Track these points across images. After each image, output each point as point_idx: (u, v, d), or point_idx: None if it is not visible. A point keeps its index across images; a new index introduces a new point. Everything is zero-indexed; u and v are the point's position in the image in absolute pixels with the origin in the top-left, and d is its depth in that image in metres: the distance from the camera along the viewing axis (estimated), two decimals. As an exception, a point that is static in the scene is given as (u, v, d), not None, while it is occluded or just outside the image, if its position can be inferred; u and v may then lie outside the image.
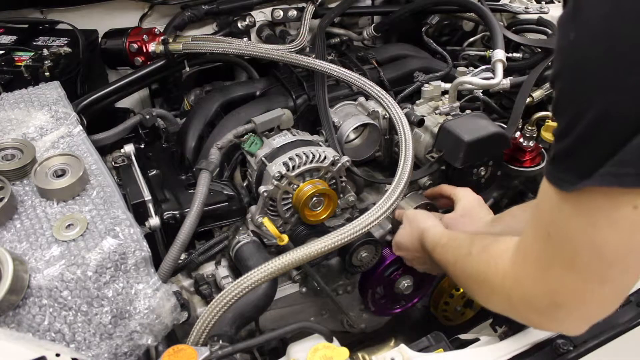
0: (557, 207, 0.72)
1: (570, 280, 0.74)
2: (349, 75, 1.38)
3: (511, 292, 0.83)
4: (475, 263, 0.94)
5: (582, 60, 0.63)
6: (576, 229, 0.70)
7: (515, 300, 0.83)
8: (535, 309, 0.81)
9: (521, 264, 0.81)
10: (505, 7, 1.87)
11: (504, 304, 0.88)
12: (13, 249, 0.91)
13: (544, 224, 0.76)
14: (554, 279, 0.75)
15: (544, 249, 0.76)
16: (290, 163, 1.26)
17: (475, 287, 0.96)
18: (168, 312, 0.95)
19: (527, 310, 0.83)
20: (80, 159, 1.06)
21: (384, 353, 0.97)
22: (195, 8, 1.71)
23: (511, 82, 1.49)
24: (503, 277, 0.84)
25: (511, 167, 1.49)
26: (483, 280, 0.91)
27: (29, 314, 0.86)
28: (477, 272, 0.92)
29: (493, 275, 0.87)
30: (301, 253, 1.03)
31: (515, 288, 0.82)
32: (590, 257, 0.70)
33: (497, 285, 0.86)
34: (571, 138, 0.65)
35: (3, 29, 1.61)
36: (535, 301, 0.79)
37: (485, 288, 0.91)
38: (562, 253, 0.73)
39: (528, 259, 0.80)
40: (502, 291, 0.85)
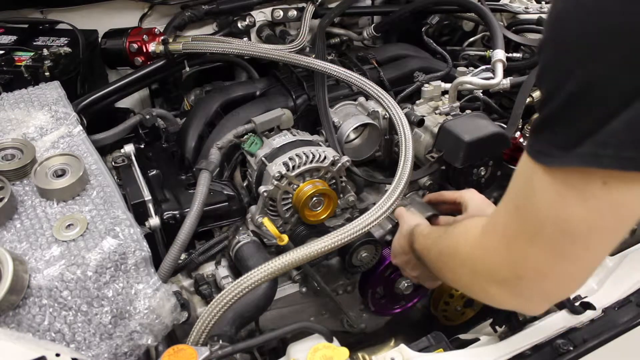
0: (529, 180, 0.72)
1: (533, 253, 0.74)
2: (349, 75, 1.38)
3: (477, 263, 0.85)
4: (448, 238, 0.95)
5: (566, 30, 0.63)
6: (544, 202, 0.71)
7: (480, 271, 0.84)
8: (496, 280, 0.81)
9: (489, 234, 0.83)
10: (505, 7, 1.87)
11: (469, 277, 0.88)
12: (13, 249, 0.91)
13: (515, 196, 0.77)
14: (517, 251, 0.76)
15: (511, 221, 0.77)
16: (290, 163, 1.26)
17: (446, 261, 0.96)
18: (168, 312, 0.95)
19: (488, 282, 0.83)
20: (80, 159, 1.06)
21: (384, 353, 0.97)
22: (195, 8, 1.71)
23: (511, 82, 1.49)
24: (472, 247, 0.86)
25: (511, 167, 1.49)
26: (453, 253, 0.92)
27: (29, 314, 0.86)
28: (449, 246, 0.94)
29: (462, 246, 0.89)
30: (301, 253, 1.03)
31: (481, 258, 0.83)
32: (554, 231, 0.71)
33: (465, 255, 0.88)
34: (550, 108, 0.66)
35: (3, 29, 1.61)
36: (498, 272, 0.80)
37: (455, 260, 0.92)
38: (527, 225, 0.74)
39: (495, 229, 0.81)
40: (469, 262, 0.87)
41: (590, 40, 0.61)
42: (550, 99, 0.65)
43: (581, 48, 0.62)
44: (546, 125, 0.67)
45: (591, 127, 0.62)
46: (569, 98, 0.63)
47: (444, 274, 1.00)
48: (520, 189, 0.76)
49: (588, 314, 1.09)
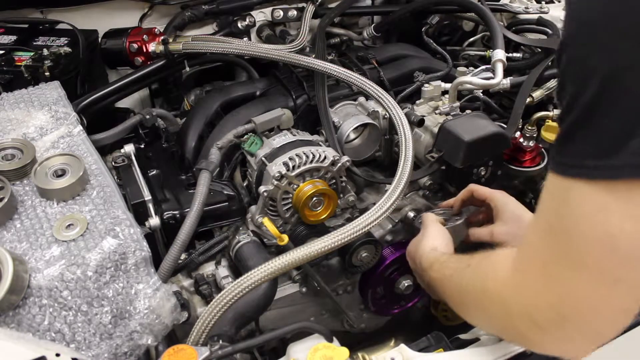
0: (564, 199, 0.63)
1: (579, 283, 0.64)
2: (349, 75, 1.38)
3: (510, 304, 0.74)
4: (473, 273, 0.85)
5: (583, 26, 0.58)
6: (586, 218, 0.61)
7: (515, 314, 0.73)
8: (537, 324, 0.70)
9: (523, 270, 0.72)
10: (505, 7, 1.87)
11: (502, 319, 0.78)
12: (13, 249, 0.91)
13: (548, 221, 0.68)
14: (560, 285, 0.66)
15: (547, 249, 0.67)
16: (290, 163, 1.26)
17: (471, 300, 0.86)
18: (168, 312, 0.95)
19: (527, 326, 0.72)
20: (80, 159, 1.06)
21: (384, 353, 0.97)
22: (195, 8, 1.71)
23: (511, 82, 1.49)
24: (502, 285, 0.75)
25: (511, 167, 1.49)
26: (480, 291, 0.81)
27: (29, 314, 0.86)
28: (474, 282, 0.83)
29: (491, 284, 0.78)
30: (301, 253, 1.03)
31: (516, 298, 0.73)
32: (603, 252, 0.61)
33: (495, 295, 0.77)
34: (575, 114, 0.59)
35: (3, 29, 1.61)
36: (538, 314, 0.70)
37: (482, 301, 0.81)
38: (569, 251, 0.64)
39: (530, 263, 0.71)
40: (500, 303, 0.76)
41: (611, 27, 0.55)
42: (574, 103, 0.59)
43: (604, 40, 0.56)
44: (573, 135, 0.60)
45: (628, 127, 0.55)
46: (596, 95, 0.56)
47: (470, 313, 0.89)
48: (553, 211, 0.66)
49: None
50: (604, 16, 0.56)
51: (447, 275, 0.96)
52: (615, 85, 0.55)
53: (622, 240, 0.60)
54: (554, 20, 1.80)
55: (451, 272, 0.94)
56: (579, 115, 0.59)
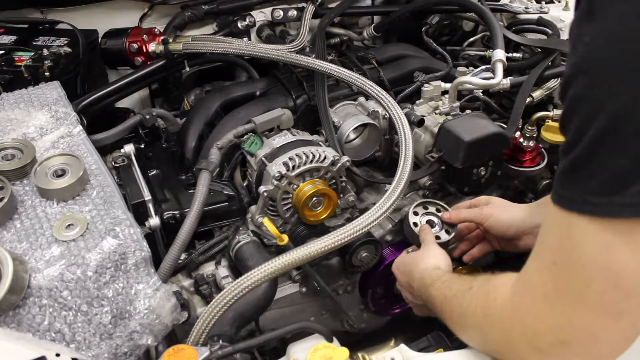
0: (567, 233, 0.64)
1: (581, 315, 0.66)
2: (349, 75, 1.38)
3: (510, 328, 0.75)
4: (474, 296, 0.85)
5: (597, 62, 0.59)
6: (589, 255, 0.63)
7: (515, 337, 0.75)
8: (536, 348, 0.72)
9: (522, 295, 0.74)
10: (505, 7, 1.87)
11: (502, 343, 0.79)
12: (13, 249, 0.91)
13: (551, 252, 0.69)
14: (561, 314, 0.67)
15: (549, 280, 0.69)
16: (290, 163, 1.26)
17: (471, 323, 0.86)
18: (168, 312, 0.95)
19: (527, 349, 0.73)
20: (80, 159, 1.06)
21: (384, 353, 0.97)
22: (195, 8, 1.71)
23: (511, 82, 1.49)
24: (502, 309, 0.77)
25: (511, 167, 1.49)
26: (480, 315, 0.82)
27: (29, 314, 0.86)
28: (475, 305, 0.84)
29: (491, 308, 0.79)
30: (301, 253, 1.03)
31: (515, 323, 0.74)
32: (605, 287, 0.63)
33: (495, 319, 0.78)
34: (580, 149, 0.60)
35: (3, 29, 1.61)
36: (538, 338, 0.71)
37: (482, 324, 0.82)
38: (572, 284, 0.66)
39: (530, 290, 0.72)
40: (500, 326, 0.78)
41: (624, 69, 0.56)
42: (580, 137, 0.59)
43: (614, 78, 0.57)
44: (577, 169, 0.61)
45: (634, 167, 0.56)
46: (603, 134, 0.57)
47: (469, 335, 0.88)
48: (556, 244, 0.68)
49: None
50: (618, 55, 0.56)
51: (449, 296, 0.95)
52: (623, 123, 0.56)
53: (625, 276, 0.61)
54: (554, 20, 1.80)
55: (454, 293, 0.94)
56: (585, 150, 0.59)
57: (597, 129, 0.57)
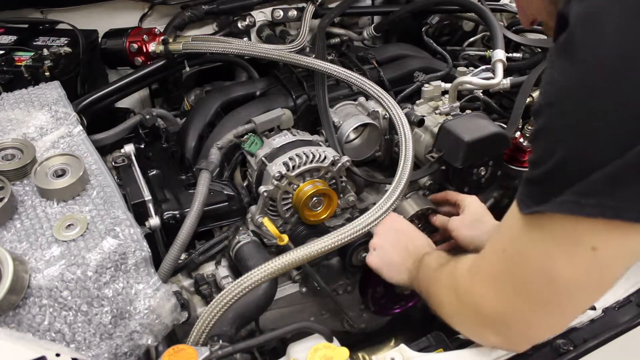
0: (518, 229, 0.74)
1: (519, 302, 0.77)
2: (349, 75, 1.38)
3: (462, 298, 0.86)
4: (445, 271, 0.95)
5: (558, 101, 0.66)
6: (532, 255, 0.73)
7: (464, 308, 0.86)
8: (482, 321, 0.83)
9: (475, 273, 0.84)
10: (505, 7, 1.87)
11: (454, 311, 0.90)
12: (13, 249, 0.91)
13: (503, 241, 0.79)
14: (504, 298, 0.78)
15: (498, 266, 0.79)
16: (290, 163, 1.26)
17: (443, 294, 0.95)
18: (168, 312, 0.95)
19: (475, 321, 0.85)
20: (80, 159, 1.06)
21: (384, 353, 0.97)
22: (195, 8, 1.71)
23: (511, 82, 1.50)
24: (459, 280, 0.88)
25: (511, 167, 1.49)
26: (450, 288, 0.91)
27: (29, 314, 0.86)
28: (446, 279, 0.93)
29: (451, 279, 0.90)
30: (301, 253, 1.03)
31: (467, 295, 0.85)
32: (542, 286, 0.73)
33: (451, 294, 0.89)
34: (540, 170, 0.68)
35: (3, 29, 1.61)
36: (484, 313, 0.82)
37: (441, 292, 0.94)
38: (515, 275, 0.76)
39: (482, 270, 0.83)
40: (455, 296, 0.88)
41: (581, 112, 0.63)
42: (542, 162, 0.68)
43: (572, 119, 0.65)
44: (536, 182, 0.70)
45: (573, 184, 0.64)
46: (558, 164, 0.66)
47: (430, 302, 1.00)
48: (509, 234, 0.78)
49: (588, 314, 1.09)
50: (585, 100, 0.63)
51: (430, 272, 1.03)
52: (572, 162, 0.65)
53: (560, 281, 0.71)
54: (553, 20, 1.79)
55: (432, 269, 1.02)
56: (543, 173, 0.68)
57: (554, 162, 0.66)
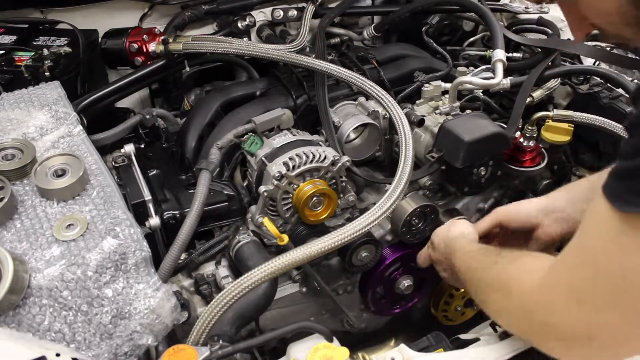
0: (612, 234, 0.64)
1: (610, 318, 0.67)
2: (349, 75, 1.38)
3: (531, 313, 0.77)
4: (498, 274, 0.87)
5: None
6: (633, 260, 0.63)
7: (535, 323, 0.77)
8: (559, 337, 0.74)
9: (550, 288, 0.75)
10: (505, 7, 1.87)
11: (523, 324, 0.82)
12: (13, 249, 0.91)
13: (590, 250, 0.69)
14: (593, 314, 0.68)
15: (583, 279, 0.69)
16: (290, 163, 1.26)
17: (494, 299, 0.89)
18: (168, 312, 0.95)
19: (547, 337, 0.76)
20: (80, 158, 1.06)
21: (384, 353, 0.97)
22: (195, 8, 1.71)
23: (511, 82, 1.49)
24: (528, 295, 0.78)
25: (511, 167, 1.49)
26: (504, 293, 0.84)
27: (29, 313, 0.86)
28: (499, 283, 0.86)
29: (516, 290, 0.81)
30: (301, 253, 1.03)
31: (538, 311, 0.76)
32: None
33: (519, 301, 0.80)
34: None
35: (3, 29, 1.61)
36: (565, 330, 0.73)
37: (505, 302, 0.85)
38: (607, 288, 0.66)
39: (559, 285, 0.73)
40: (523, 309, 0.79)
41: None
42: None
43: None
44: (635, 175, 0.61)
45: None
46: None
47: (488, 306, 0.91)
48: (599, 245, 0.68)
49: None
50: None
51: (472, 267, 0.98)
52: None
53: None
54: (554, 20, 1.80)
55: (476, 266, 0.97)
56: None
57: None
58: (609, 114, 1.49)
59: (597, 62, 1.67)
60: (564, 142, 1.50)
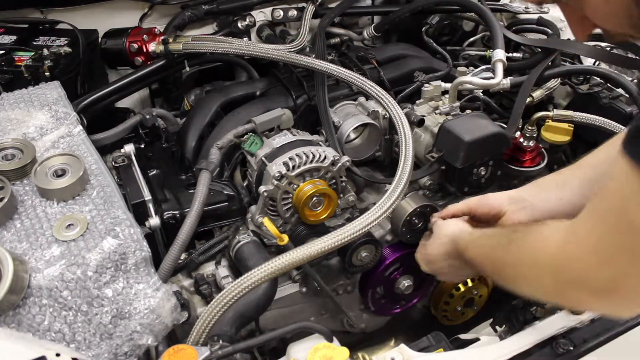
0: (633, 187, 0.67)
1: (635, 270, 0.71)
2: (349, 75, 1.38)
3: (560, 274, 0.81)
4: (519, 248, 0.91)
5: None
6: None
7: (567, 280, 0.81)
8: (588, 290, 0.78)
9: (574, 246, 0.79)
10: (505, 7, 1.88)
11: (551, 287, 0.86)
12: (13, 249, 0.91)
13: (613, 207, 0.72)
14: (618, 267, 0.72)
15: (605, 234, 0.73)
16: (290, 163, 1.26)
17: (519, 273, 0.93)
18: (168, 312, 0.95)
19: (577, 291, 0.80)
20: (80, 158, 1.06)
21: (384, 353, 0.97)
22: (195, 8, 1.71)
23: (511, 82, 1.50)
24: (551, 258, 0.82)
25: (511, 167, 1.49)
26: (528, 264, 0.89)
27: (29, 313, 0.86)
28: (522, 257, 0.90)
29: (539, 258, 0.85)
30: (301, 253, 1.03)
31: (565, 270, 0.80)
32: None
33: (543, 267, 0.84)
34: None
35: (3, 29, 1.61)
36: (593, 282, 0.77)
37: (530, 273, 0.89)
38: (632, 243, 0.69)
39: (583, 242, 0.77)
40: (550, 274, 0.83)
41: None
42: None
43: None
44: None
45: None
46: None
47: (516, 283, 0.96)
48: (619, 201, 0.71)
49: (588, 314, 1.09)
50: None
51: (489, 253, 1.01)
52: None
53: None
54: (554, 20, 1.80)
55: (492, 250, 0.99)
56: None
57: None
58: (609, 114, 1.49)
59: (597, 62, 1.67)
60: (564, 142, 1.50)
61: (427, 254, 1.26)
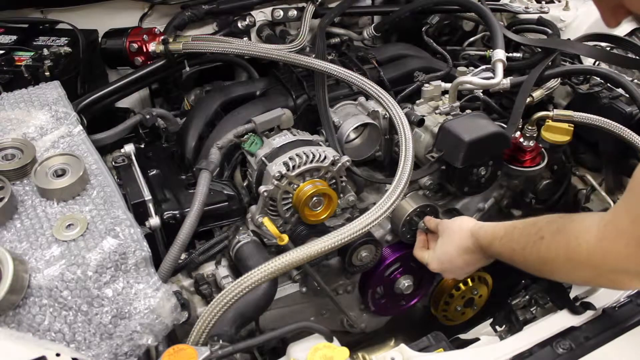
0: None
1: None
2: (349, 75, 1.38)
3: (600, 267, 0.87)
4: (550, 245, 0.95)
5: None
6: None
7: (604, 272, 0.87)
8: (628, 274, 0.85)
9: (612, 241, 0.83)
10: (505, 7, 1.87)
11: (591, 277, 0.92)
12: (13, 249, 0.91)
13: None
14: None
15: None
16: (290, 163, 1.26)
17: (554, 267, 0.97)
18: (168, 312, 0.95)
19: (618, 276, 0.86)
20: (80, 158, 1.06)
21: (384, 353, 0.97)
22: (195, 8, 1.71)
23: (511, 82, 1.49)
24: (589, 254, 0.87)
25: (511, 167, 1.49)
26: (564, 260, 0.92)
27: (29, 313, 0.86)
28: (555, 252, 0.94)
29: (576, 254, 0.89)
30: (301, 253, 1.03)
31: (605, 264, 0.85)
32: None
33: (581, 262, 0.89)
34: None
35: (3, 29, 1.61)
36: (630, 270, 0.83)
37: (566, 267, 0.93)
38: None
39: (623, 236, 0.81)
40: (589, 267, 0.88)
41: None
42: None
43: None
44: None
45: None
46: None
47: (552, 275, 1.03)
48: None
49: (588, 314, 1.09)
50: None
51: (518, 248, 1.04)
52: None
53: None
54: (554, 20, 1.80)
55: (523, 245, 1.02)
56: None
57: None
58: (609, 114, 1.49)
59: (597, 62, 1.67)
60: (564, 142, 1.50)
61: (444, 252, 1.27)
